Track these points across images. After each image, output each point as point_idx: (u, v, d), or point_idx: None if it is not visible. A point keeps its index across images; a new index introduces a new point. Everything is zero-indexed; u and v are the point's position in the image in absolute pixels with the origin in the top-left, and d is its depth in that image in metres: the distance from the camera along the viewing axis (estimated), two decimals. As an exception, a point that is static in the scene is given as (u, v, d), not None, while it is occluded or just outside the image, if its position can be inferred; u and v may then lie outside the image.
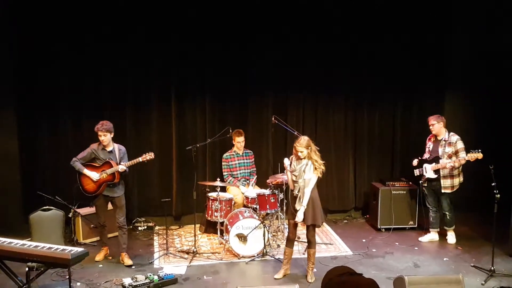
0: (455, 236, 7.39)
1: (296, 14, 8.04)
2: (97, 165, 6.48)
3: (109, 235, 7.30)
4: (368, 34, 8.26)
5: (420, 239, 7.45)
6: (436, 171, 7.08)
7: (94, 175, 6.41)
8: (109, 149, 6.50)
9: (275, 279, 6.11)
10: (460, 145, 6.98)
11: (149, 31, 7.75)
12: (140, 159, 6.57)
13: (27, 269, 4.98)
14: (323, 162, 5.95)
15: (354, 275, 2.46)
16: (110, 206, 6.83)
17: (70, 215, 7.25)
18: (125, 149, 6.66)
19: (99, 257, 6.70)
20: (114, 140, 6.63)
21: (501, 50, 8.12)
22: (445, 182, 7.06)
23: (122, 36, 7.67)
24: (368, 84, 8.51)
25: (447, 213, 7.26)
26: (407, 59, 8.44)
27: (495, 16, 8.15)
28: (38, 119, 7.68)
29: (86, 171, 6.43)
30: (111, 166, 6.45)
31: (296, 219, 5.90)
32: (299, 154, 5.83)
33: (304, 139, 5.89)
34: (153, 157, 6.65)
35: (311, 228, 6.04)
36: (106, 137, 6.40)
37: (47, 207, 6.77)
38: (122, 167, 6.44)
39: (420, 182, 7.38)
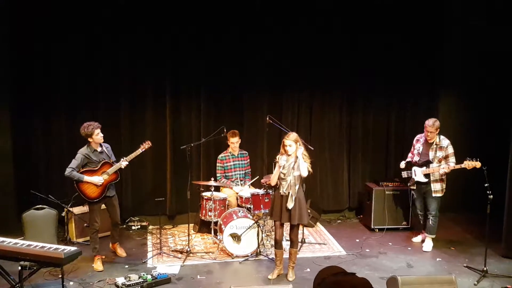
0: (433, 245, 7.22)
1: (292, 15, 8.04)
2: (93, 168, 6.28)
3: (100, 235, 7.31)
4: (363, 33, 8.28)
5: (416, 242, 7.38)
6: (427, 175, 7.02)
7: (97, 179, 6.23)
8: (99, 149, 6.36)
9: (269, 279, 6.10)
10: (451, 150, 6.91)
11: (145, 29, 7.73)
12: (140, 150, 6.57)
13: (19, 268, 4.95)
14: (311, 160, 6.02)
15: (348, 274, 2.47)
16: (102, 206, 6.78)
17: (63, 214, 7.22)
18: (109, 145, 6.58)
19: (100, 266, 6.40)
20: (110, 139, 6.61)
21: (496, 50, 8.14)
22: (435, 186, 6.98)
23: (117, 34, 7.65)
24: (362, 84, 8.53)
25: (431, 217, 7.10)
26: (402, 59, 8.46)
27: (491, 16, 8.17)
28: (32, 118, 7.65)
29: (87, 178, 6.18)
30: (110, 166, 6.36)
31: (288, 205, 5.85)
32: (288, 148, 5.83)
33: (293, 134, 5.96)
34: (150, 145, 6.66)
35: (295, 227, 6.05)
36: (102, 134, 6.33)
37: (40, 206, 6.76)
38: (125, 163, 6.42)
39: (409, 184, 7.28)
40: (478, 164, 6.46)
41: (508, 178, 6.74)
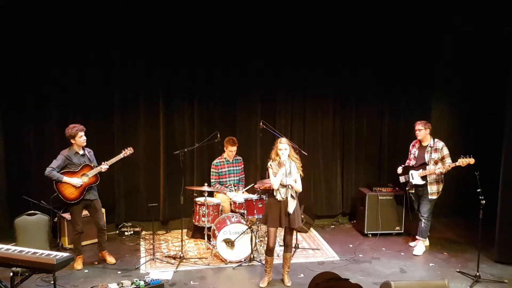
0: (423, 249, 7.28)
1: (283, 17, 8.04)
2: (74, 170, 6.35)
3: (91, 241, 7.29)
4: (355, 38, 8.30)
5: (412, 247, 7.38)
6: (424, 177, 7.10)
7: (76, 181, 6.29)
8: (81, 152, 6.42)
9: (261, 287, 6.08)
10: (446, 151, 7.03)
11: (137, 32, 7.69)
12: (121, 155, 6.60)
13: (11, 274, 4.88)
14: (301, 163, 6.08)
15: (340, 280, 2.48)
16: (84, 212, 6.73)
17: (56, 220, 7.16)
18: (92, 151, 6.62)
19: (79, 265, 6.53)
20: (103, 144, 6.59)
21: (488, 54, 8.20)
22: (431, 188, 7.07)
23: (109, 37, 7.61)
24: (355, 89, 8.57)
25: (424, 220, 7.19)
26: (395, 65, 8.51)
27: (483, 20, 8.20)
28: (24, 123, 7.57)
29: (66, 179, 6.26)
30: (91, 169, 6.40)
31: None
32: (283, 151, 5.84)
33: (285, 138, 6.02)
34: (132, 151, 6.69)
35: (292, 232, 6.11)
36: (85, 137, 6.40)
37: (32, 211, 6.71)
38: (105, 167, 6.44)
39: (407, 189, 7.38)
40: (472, 160, 6.61)
41: (501, 183, 6.78)
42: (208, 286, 6.13)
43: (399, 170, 7.37)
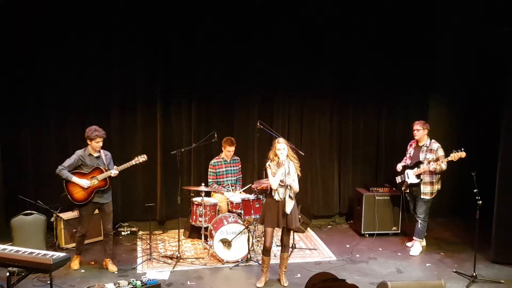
0: (420, 249, 7.29)
1: (280, 17, 8.04)
2: (85, 171, 6.30)
3: (89, 241, 7.28)
4: (355, 38, 8.31)
5: (409, 248, 7.40)
6: (418, 176, 7.13)
7: (84, 182, 6.23)
8: (96, 154, 6.37)
9: (258, 287, 6.10)
10: (441, 152, 7.04)
11: (137, 32, 7.70)
12: (134, 162, 6.53)
13: (7, 274, 4.90)
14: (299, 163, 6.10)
15: (337, 281, 2.48)
16: (95, 212, 6.70)
17: (52, 219, 7.17)
18: (110, 154, 6.56)
19: (76, 265, 6.54)
20: (102, 144, 6.57)
21: (488, 55, 8.19)
22: (425, 188, 7.09)
23: (109, 37, 7.62)
24: (355, 89, 8.56)
25: (420, 221, 7.20)
26: (395, 65, 8.51)
27: (482, 21, 8.20)
28: (21, 122, 7.59)
29: (75, 179, 6.22)
30: (101, 172, 6.33)
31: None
32: (282, 151, 5.86)
33: (282, 138, 6.05)
34: (146, 159, 6.63)
35: (289, 232, 6.14)
36: (102, 143, 6.34)
37: (29, 211, 6.71)
38: (115, 172, 6.36)
39: (403, 188, 7.38)
40: (463, 154, 6.70)
41: (497, 183, 6.78)
42: (205, 286, 6.14)
43: (399, 167, 7.39)
